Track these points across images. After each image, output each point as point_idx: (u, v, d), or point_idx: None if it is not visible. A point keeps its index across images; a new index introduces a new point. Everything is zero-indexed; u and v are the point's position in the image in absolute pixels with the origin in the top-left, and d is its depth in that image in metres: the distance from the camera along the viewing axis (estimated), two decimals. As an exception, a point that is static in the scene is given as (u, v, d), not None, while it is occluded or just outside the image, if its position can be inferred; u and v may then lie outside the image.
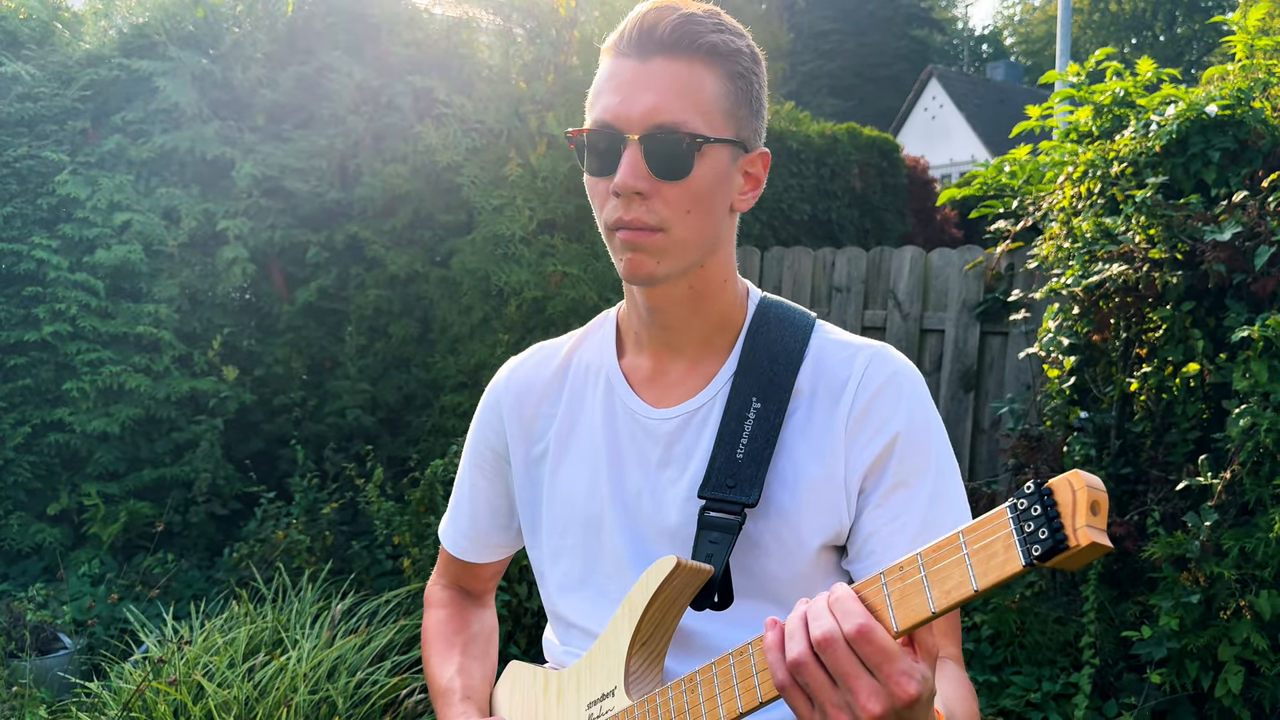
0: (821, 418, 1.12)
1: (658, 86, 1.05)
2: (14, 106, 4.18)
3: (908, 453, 1.11)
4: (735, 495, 1.09)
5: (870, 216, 6.93)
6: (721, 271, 1.15)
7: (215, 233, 4.52)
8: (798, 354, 1.15)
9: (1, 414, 4.10)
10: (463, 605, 1.41)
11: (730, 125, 1.08)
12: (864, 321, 5.04)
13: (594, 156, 1.08)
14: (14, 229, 4.15)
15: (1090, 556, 0.74)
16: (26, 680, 3.03)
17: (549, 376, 1.27)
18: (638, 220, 1.05)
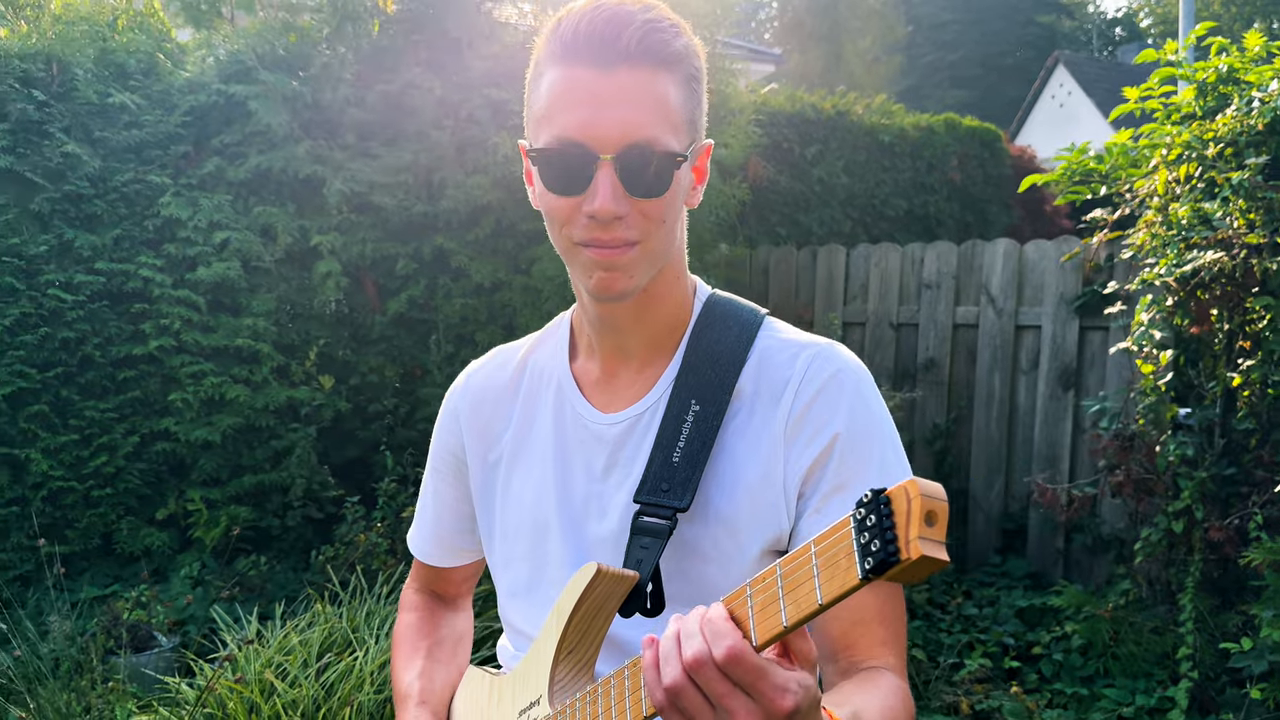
0: (762, 419, 1.09)
1: (628, 101, 1.00)
2: (122, 134, 4.43)
3: (848, 454, 1.07)
4: (668, 500, 1.07)
5: (972, 210, 6.69)
6: (674, 272, 1.14)
7: (310, 248, 4.70)
8: (740, 354, 1.12)
9: (113, 424, 4.35)
10: (433, 609, 1.41)
11: (690, 132, 1.06)
12: (955, 319, 4.88)
13: (559, 175, 1.02)
14: (122, 250, 4.39)
15: (926, 570, 0.69)
16: (121, 676, 3.20)
17: (504, 381, 1.26)
18: (618, 240, 1.02)
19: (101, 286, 4.32)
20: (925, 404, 4.99)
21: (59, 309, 4.21)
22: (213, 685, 2.66)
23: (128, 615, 3.48)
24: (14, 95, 4.14)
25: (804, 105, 5.94)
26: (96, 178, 4.34)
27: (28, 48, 4.28)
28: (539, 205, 1.08)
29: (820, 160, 6.00)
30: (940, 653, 3.60)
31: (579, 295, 1.17)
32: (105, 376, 4.36)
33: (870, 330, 5.15)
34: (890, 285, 5.10)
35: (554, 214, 1.05)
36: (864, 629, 1.08)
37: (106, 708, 3.03)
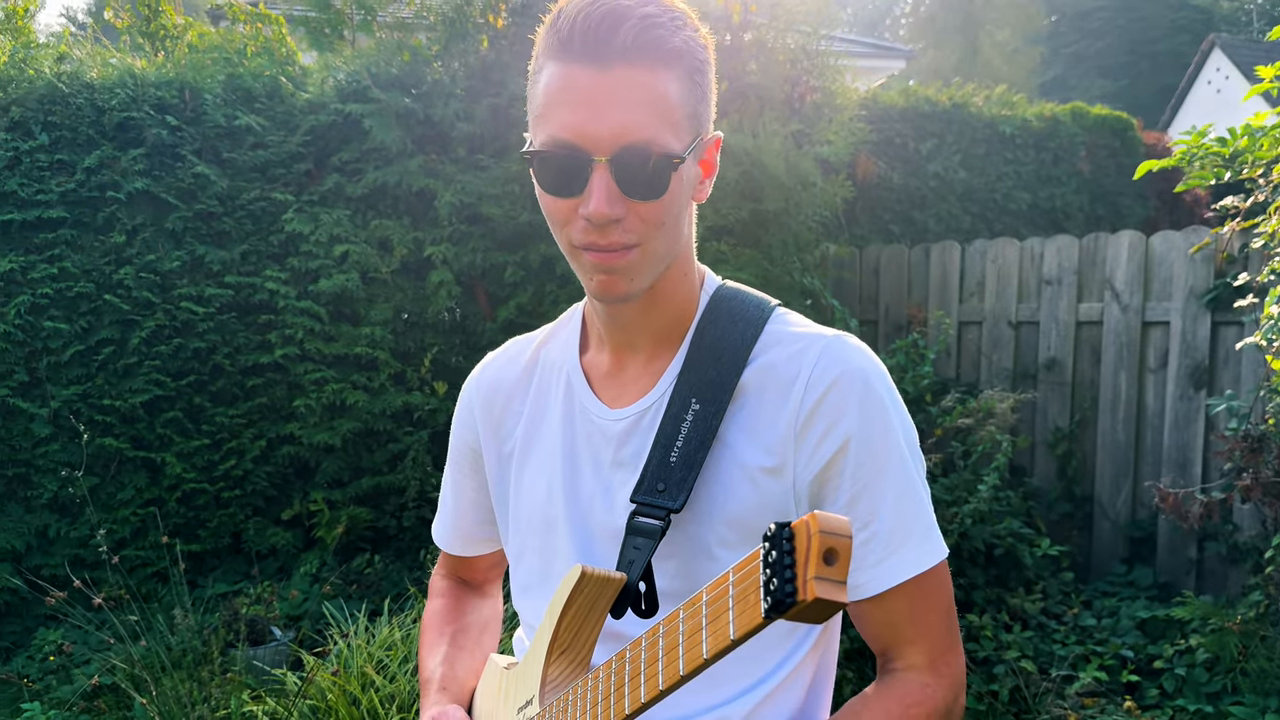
0: (769, 416, 1.06)
1: (624, 101, 0.97)
2: (248, 155, 4.68)
3: (864, 457, 1.03)
4: (662, 500, 1.05)
5: (1102, 202, 6.37)
6: (681, 268, 1.12)
7: (423, 259, 4.85)
8: (745, 349, 1.09)
9: (241, 429, 4.59)
10: (460, 596, 1.43)
11: (692, 126, 1.03)
12: (1078, 315, 4.67)
13: (555, 176, 1.01)
14: (249, 264, 4.64)
15: (828, 612, 0.64)
16: (238, 668, 3.38)
17: (517, 374, 1.25)
18: (615, 243, 1.01)
19: (230, 299, 4.57)
20: (1047, 406, 4.78)
21: (191, 321, 4.48)
22: (311, 677, 2.77)
23: (246, 611, 3.66)
24: (150, 121, 4.43)
25: (918, 99, 5.78)
26: (225, 196, 4.59)
27: (163, 77, 4.57)
28: (543, 211, 1.06)
29: (936, 155, 5.83)
30: (1052, 665, 3.44)
31: (589, 297, 1.17)
32: (234, 384, 4.61)
33: (987, 329, 4.97)
34: (1008, 282, 4.91)
35: (553, 215, 1.04)
36: (893, 631, 1.07)
37: (223, 697, 3.20)
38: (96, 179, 4.32)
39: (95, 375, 4.33)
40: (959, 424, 4.28)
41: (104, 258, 4.35)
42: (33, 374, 4.26)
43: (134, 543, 4.40)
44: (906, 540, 1.04)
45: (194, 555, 4.53)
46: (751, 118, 4.44)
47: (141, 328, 4.37)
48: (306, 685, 2.81)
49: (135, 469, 4.44)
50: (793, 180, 4.43)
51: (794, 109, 4.75)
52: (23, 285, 4.22)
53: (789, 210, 4.50)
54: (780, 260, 4.43)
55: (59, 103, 4.30)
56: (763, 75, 4.58)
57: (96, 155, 4.31)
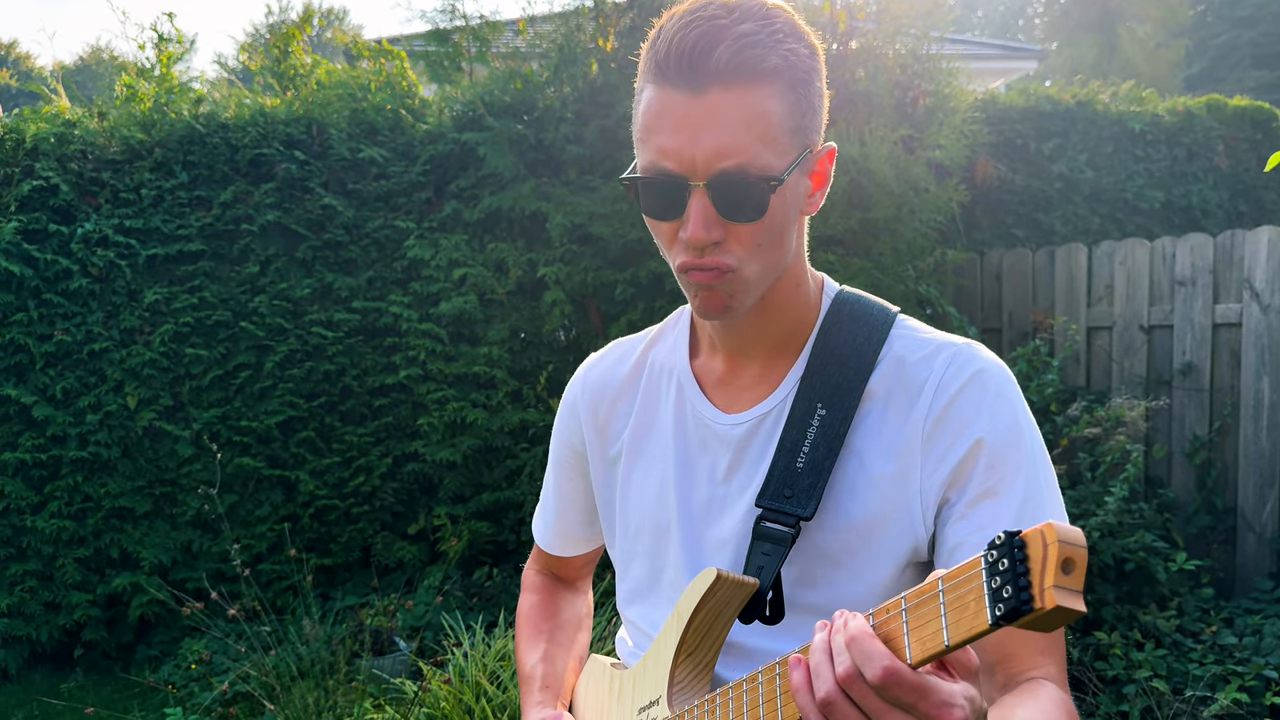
0: (896, 422, 1.05)
1: (719, 124, 0.96)
2: (372, 185, 4.90)
3: (995, 459, 1.02)
4: (791, 506, 1.05)
5: (1244, 198, 6.02)
6: (793, 279, 1.11)
7: (537, 280, 4.97)
8: (871, 354, 1.08)
9: (369, 447, 4.79)
10: (554, 591, 1.44)
11: (797, 141, 1.01)
12: (1215, 318, 4.43)
13: (655, 201, 1.02)
14: (375, 289, 4.84)
15: (1061, 621, 0.66)
16: (362, 677, 3.51)
17: (624, 376, 1.25)
18: (712, 263, 1.01)
19: (357, 323, 4.77)
20: (1184, 413, 4.53)
21: (321, 345, 4.70)
22: (426, 686, 2.86)
23: (370, 622, 3.80)
24: (280, 156, 4.69)
25: (1039, 98, 5.60)
26: (351, 226, 4.81)
27: (292, 114, 4.83)
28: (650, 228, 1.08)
29: (1060, 154, 5.62)
30: (1188, 685, 3.25)
31: None
32: (362, 404, 4.81)
33: (1118, 334, 4.75)
34: (1139, 284, 4.69)
35: (657, 235, 1.07)
36: (1023, 638, 1.03)
37: (347, 705, 3.33)
38: (231, 213, 4.59)
39: (233, 398, 4.59)
40: (1086, 434, 4.11)
41: (239, 287, 4.61)
42: (176, 398, 4.55)
43: (270, 557, 4.64)
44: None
45: (326, 569, 4.74)
46: (859, 125, 4.39)
47: (275, 352, 4.61)
48: (423, 694, 2.91)
49: (271, 487, 4.68)
50: (903, 187, 4.35)
51: (905, 114, 4.67)
52: (166, 315, 4.51)
53: (900, 217, 4.42)
54: (892, 268, 4.35)
55: (197, 142, 4.60)
56: (870, 82, 4.52)
57: (231, 190, 4.58)
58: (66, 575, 4.44)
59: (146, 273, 4.52)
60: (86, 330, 4.42)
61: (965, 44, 11.96)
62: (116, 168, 4.55)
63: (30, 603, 4.41)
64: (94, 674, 4.48)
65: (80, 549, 4.46)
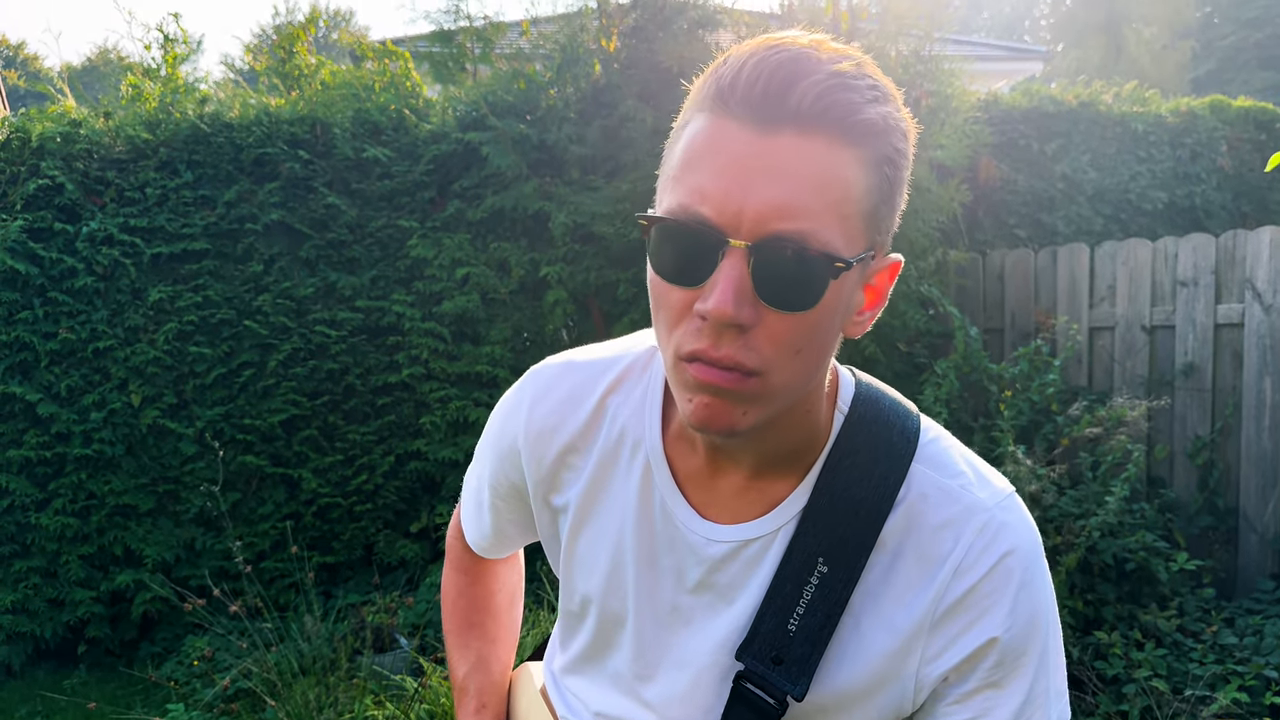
0: (904, 592, 0.90)
1: (786, 176, 0.75)
2: (375, 185, 4.91)
3: (1006, 656, 0.89)
4: (779, 679, 0.90)
5: (1247, 198, 6.01)
6: (810, 401, 0.90)
7: (539, 279, 4.98)
8: (886, 501, 0.89)
9: (372, 446, 4.80)
10: (484, 568, 1.28)
11: (869, 234, 0.80)
12: (1217, 318, 4.42)
13: (675, 255, 0.78)
14: (378, 288, 4.86)
15: None
16: (363, 675, 3.53)
17: (578, 427, 1.02)
18: (729, 359, 0.78)
19: (361, 322, 4.79)
20: (1186, 413, 4.53)
21: (324, 343, 4.71)
22: (426, 682, 2.87)
23: (371, 619, 3.82)
24: (284, 156, 4.71)
25: (1041, 99, 5.60)
26: (354, 225, 4.83)
27: (296, 114, 4.85)
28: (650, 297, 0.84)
29: (1063, 155, 5.62)
30: (1187, 685, 3.25)
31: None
32: (365, 403, 4.82)
33: (1120, 335, 4.75)
34: (1141, 284, 4.69)
35: (661, 308, 0.82)
36: None
37: (348, 702, 3.35)
38: (236, 212, 4.61)
39: (237, 396, 4.61)
40: (1087, 433, 4.11)
41: (243, 286, 4.63)
42: (180, 396, 4.57)
43: (273, 555, 4.65)
44: None
45: (328, 567, 4.76)
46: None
47: (279, 351, 4.63)
48: (423, 691, 2.92)
49: (274, 485, 4.70)
50: (904, 187, 4.35)
51: (906, 115, 4.67)
52: (170, 314, 4.53)
53: (903, 216, 4.42)
54: (907, 275, 4.36)
55: (201, 142, 4.62)
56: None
57: (235, 190, 4.60)
58: (70, 572, 4.46)
59: (151, 271, 4.55)
60: (91, 328, 4.44)
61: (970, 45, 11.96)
62: (121, 167, 4.58)
63: (34, 599, 4.43)
64: (97, 670, 4.51)
65: (84, 546, 4.48)
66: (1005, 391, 4.16)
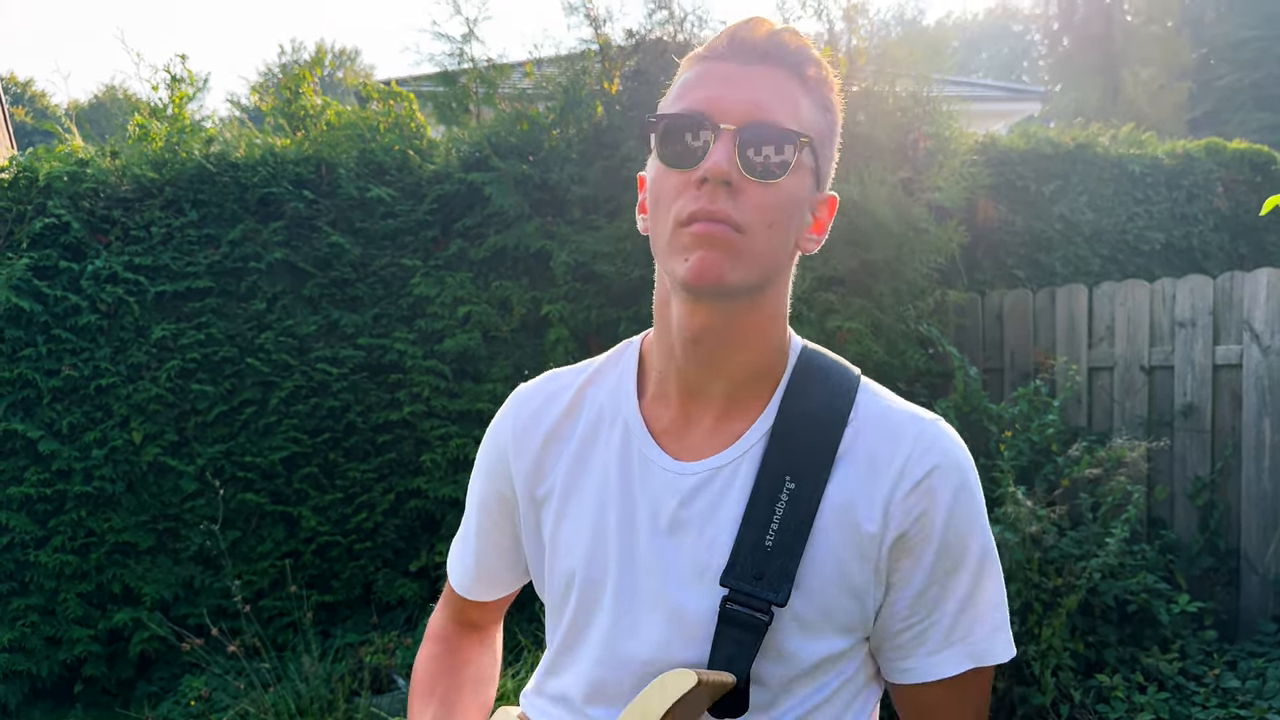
0: (857, 492, 1.02)
1: (760, 87, 0.99)
2: (379, 224, 4.95)
3: (944, 552, 1.02)
4: (762, 591, 0.98)
5: (1245, 239, 6.05)
6: (772, 308, 1.05)
7: (541, 317, 5.01)
8: (840, 419, 1.03)
9: (372, 483, 4.80)
10: (459, 643, 1.32)
11: (816, 154, 1.02)
12: (1215, 359, 4.44)
13: (676, 146, 0.99)
14: (380, 326, 4.88)
15: None
16: (360, 716, 3.50)
17: (559, 413, 1.14)
18: (722, 212, 0.96)
19: (362, 360, 4.81)
20: (1186, 454, 4.53)
21: (326, 381, 4.73)
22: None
23: (369, 660, 3.80)
24: (289, 196, 4.75)
25: (1039, 141, 5.66)
26: (358, 264, 4.86)
27: (301, 154, 4.90)
28: (650, 196, 1.04)
29: (1060, 196, 5.67)
30: (1190, 729, 3.23)
31: (661, 318, 1.08)
32: (366, 440, 4.83)
33: (1119, 375, 4.77)
34: (1139, 325, 4.71)
35: (662, 191, 1.00)
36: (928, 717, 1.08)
37: (346, 741, 3.33)
38: (240, 250, 4.65)
39: (238, 434, 4.62)
40: (1087, 474, 4.11)
41: (246, 324, 4.66)
42: (181, 433, 4.58)
43: (272, 594, 4.64)
44: (966, 638, 1.04)
45: (327, 606, 4.74)
46: (859, 167, 4.44)
47: (281, 388, 4.64)
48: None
49: (274, 523, 4.70)
50: (902, 227, 4.39)
51: (905, 156, 4.73)
52: (173, 351, 4.55)
53: (900, 258, 4.46)
54: (892, 308, 4.38)
55: (207, 181, 4.67)
56: (871, 125, 4.58)
57: (240, 229, 4.64)
58: (68, 610, 4.45)
59: (155, 309, 4.57)
60: (94, 365, 4.46)
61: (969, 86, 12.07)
62: (127, 205, 4.62)
63: (31, 637, 4.41)
64: (94, 710, 4.48)
65: (82, 584, 4.47)
66: (1005, 432, 4.17)
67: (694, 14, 5.17)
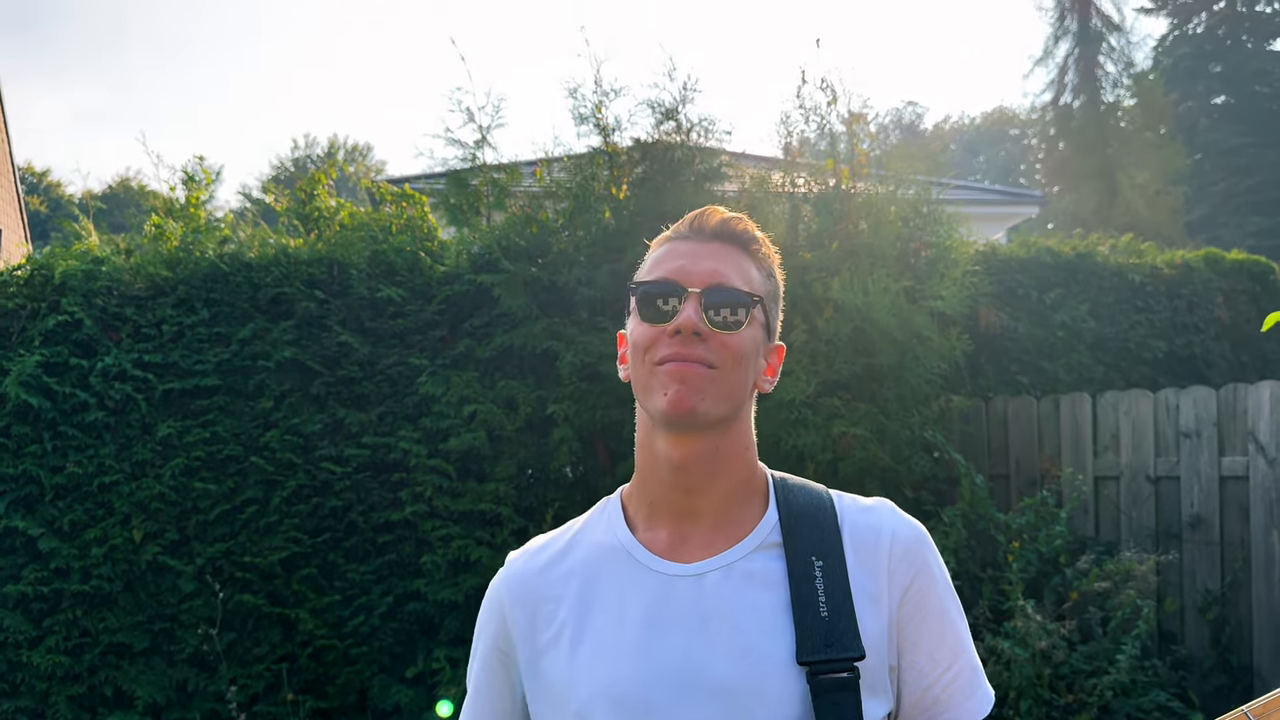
0: (869, 569, 1.17)
1: (716, 258, 1.20)
2: (389, 323, 5.00)
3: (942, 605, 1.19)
4: (839, 653, 1.10)
5: (1246, 349, 6.10)
6: (743, 439, 1.22)
7: (546, 416, 5.01)
8: (831, 510, 1.20)
9: (371, 585, 4.75)
10: None
11: (766, 311, 1.23)
12: (1221, 470, 4.43)
13: (652, 306, 1.18)
14: (385, 425, 4.89)
15: None
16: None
17: (552, 560, 1.23)
18: (695, 354, 1.14)
19: (366, 458, 4.80)
20: (1195, 566, 4.49)
21: (329, 480, 4.72)
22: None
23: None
24: (300, 295, 4.81)
25: (1039, 250, 5.75)
26: (366, 362, 4.89)
27: (314, 254, 4.98)
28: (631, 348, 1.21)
29: (1062, 304, 5.73)
30: None
31: (643, 458, 1.21)
32: (366, 541, 4.79)
33: (1125, 485, 4.75)
34: (1144, 435, 4.72)
35: (641, 342, 1.18)
36: None
37: None
38: (249, 349, 4.68)
39: (239, 533, 4.59)
40: (1096, 587, 4.07)
41: (252, 421, 4.67)
42: (182, 532, 4.54)
43: (266, 698, 4.55)
44: (980, 677, 1.20)
45: (322, 712, 4.64)
46: (863, 275, 4.51)
47: (283, 487, 4.63)
48: None
49: (271, 625, 4.63)
50: (906, 335, 4.44)
51: (907, 265, 4.80)
52: (178, 449, 4.55)
53: (904, 364, 4.49)
54: (897, 414, 4.40)
55: (220, 281, 4.73)
56: (873, 234, 4.67)
57: (250, 328, 4.69)
58: (59, 714, 4.35)
59: (162, 406, 4.59)
60: (99, 463, 4.46)
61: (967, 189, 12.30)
62: (140, 303, 4.67)
63: (19, 741, 4.32)
64: (78, 818, 4.35)
65: (74, 686, 4.39)
66: (1013, 542, 4.14)
67: (700, 125, 5.29)
